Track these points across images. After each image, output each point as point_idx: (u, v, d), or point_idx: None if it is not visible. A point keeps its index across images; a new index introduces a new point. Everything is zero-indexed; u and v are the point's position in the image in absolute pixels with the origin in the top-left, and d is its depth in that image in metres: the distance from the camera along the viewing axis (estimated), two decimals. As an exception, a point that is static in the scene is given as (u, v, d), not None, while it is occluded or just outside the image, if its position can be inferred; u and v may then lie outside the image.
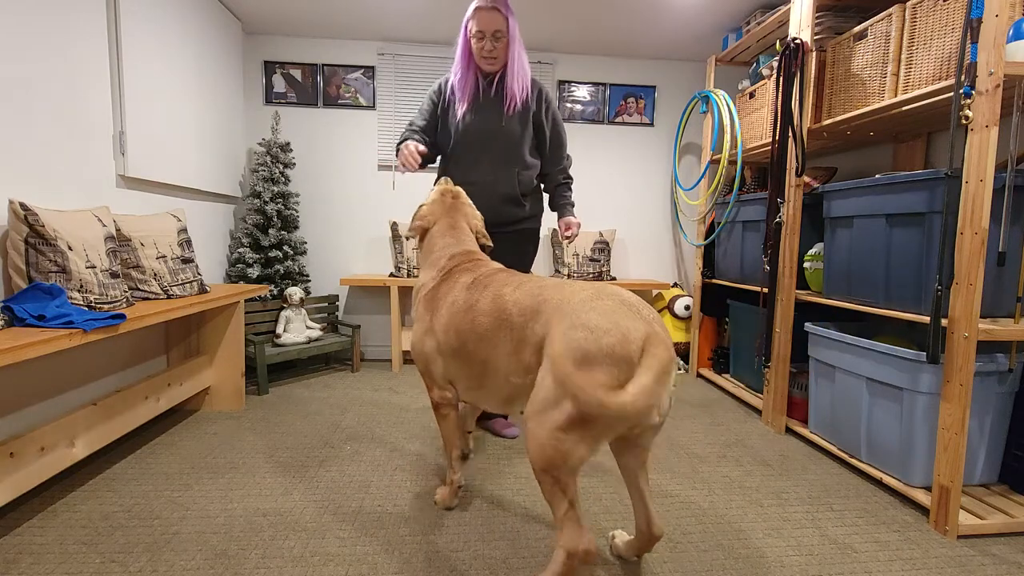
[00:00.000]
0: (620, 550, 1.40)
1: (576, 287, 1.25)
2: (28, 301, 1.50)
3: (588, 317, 1.11)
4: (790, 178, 2.29)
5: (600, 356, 1.05)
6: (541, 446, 1.11)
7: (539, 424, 1.12)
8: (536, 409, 1.13)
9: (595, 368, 1.05)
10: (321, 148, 3.46)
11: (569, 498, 1.13)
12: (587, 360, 1.06)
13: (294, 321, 3.00)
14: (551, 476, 1.12)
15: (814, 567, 1.40)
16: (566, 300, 1.19)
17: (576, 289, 1.23)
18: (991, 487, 1.79)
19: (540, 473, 1.13)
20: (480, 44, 1.94)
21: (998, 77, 1.45)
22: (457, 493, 1.65)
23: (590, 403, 1.01)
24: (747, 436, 2.31)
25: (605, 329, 1.07)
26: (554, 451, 1.09)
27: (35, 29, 1.72)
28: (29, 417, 1.73)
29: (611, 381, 1.04)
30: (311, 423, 2.33)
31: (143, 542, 1.43)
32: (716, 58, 3.14)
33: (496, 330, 1.31)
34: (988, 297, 1.62)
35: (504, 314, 1.30)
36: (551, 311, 1.20)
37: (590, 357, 1.06)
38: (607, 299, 1.15)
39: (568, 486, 1.12)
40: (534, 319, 1.23)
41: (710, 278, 3.24)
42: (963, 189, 1.52)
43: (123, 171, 2.14)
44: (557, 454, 1.09)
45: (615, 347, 1.06)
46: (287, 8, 2.96)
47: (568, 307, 1.17)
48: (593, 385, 1.02)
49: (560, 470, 1.11)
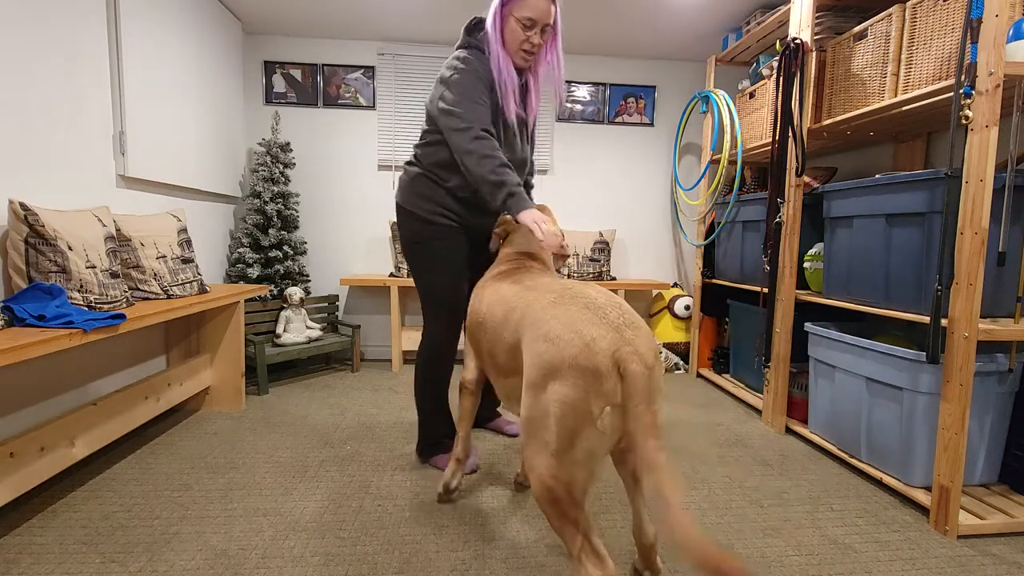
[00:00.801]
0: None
1: (540, 290, 1.20)
2: (28, 301, 1.49)
3: (549, 327, 1.05)
4: (790, 178, 2.29)
5: (564, 369, 0.98)
6: (540, 477, 1.02)
7: (533, 452, 1.03)
8: (526, 434, 1.05)
9: (561, 382, 0.98)
10: (321, 148, 3.46)
11: (582, 531, 1.01)
12: (552, 374, 1.00)
13: (294, 321, 3.00)
14: (557, 510, 1.02)
15: (814, 567, 1.40)
16: (529, 307, 1.15)
17: (539, 294, 1.17)
18: (991, 487, 1.79)
19: (545, 506, 1.04)
20: (526, 35, 1.63)
21: (998, 77, 1.45)
22: (458, 474, 1.66)
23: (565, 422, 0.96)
24: (747, 436, 2.31)
25: (567, 340, 1.00)
26: (554, 481, 1.00)
27: (35, 29, 1.72)
28: (29, 417, 1.73)
29: (580, 395, 0.96)
30: (311, 423, 2.33)
31: (143, 542, 1.43)
32: (716, 58, 3.14)
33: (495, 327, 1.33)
34: (988, 297, 1.62)
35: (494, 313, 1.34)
36: (517, 319, 1.17)
37: (554, 370, 0.99)
38: (570, 304, 1.07)
39: (578, 519, 1.01)
40: (504, 325, 1.23)
41: (710, 278, 3.24)
42: (963, 189, 1.52)
43: (123, 171, 2.14)
44: (558, 484, 1.00)
45: (578, 358, 0.97)
46: (287, 8, 2.96)
47: (530, 316, 1.12)
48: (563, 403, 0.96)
49: (563, 503, 1.01)
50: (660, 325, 3.53)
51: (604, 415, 0.96)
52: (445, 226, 1.81)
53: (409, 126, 3.47)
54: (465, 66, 1.64)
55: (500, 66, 1.66)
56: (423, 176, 1.80)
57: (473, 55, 1.68)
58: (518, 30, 1.64)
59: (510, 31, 1.65)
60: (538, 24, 1.63)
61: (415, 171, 1.83)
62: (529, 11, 1.61)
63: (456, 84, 1.63)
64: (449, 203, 1.80)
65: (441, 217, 1.80)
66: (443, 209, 1.80)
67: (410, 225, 1.83)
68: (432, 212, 1.79)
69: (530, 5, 1.60)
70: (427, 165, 1.79)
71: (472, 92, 1.62)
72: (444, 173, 1.77)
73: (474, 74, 1.64)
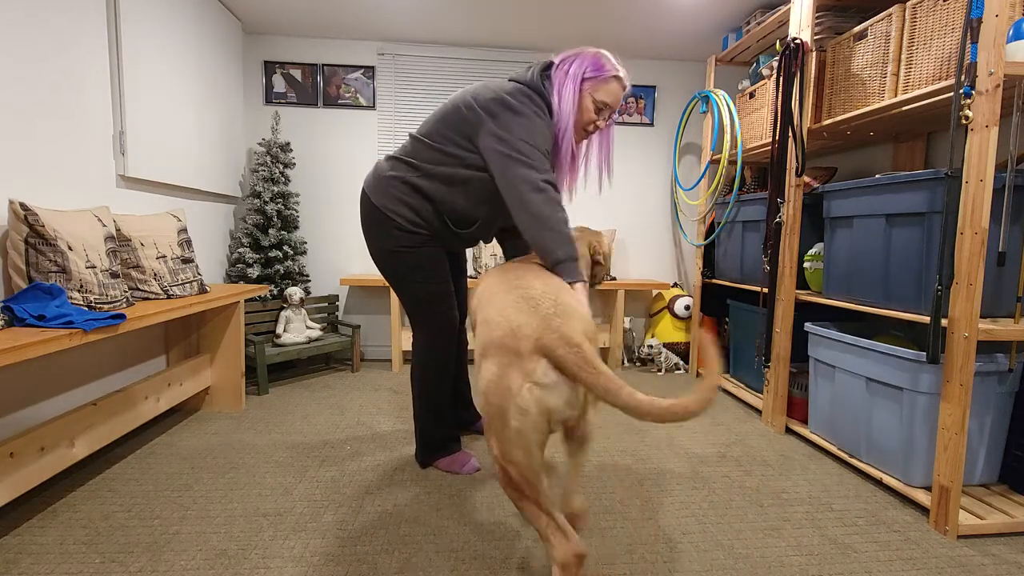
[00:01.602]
0: None
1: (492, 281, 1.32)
2: (28, 301, 1.50)
3: (487, 313, 1.19)
4: (790, 178, 2.29)
5: (492, 348, 1.11)
6: (494, 458, 1.11)
7: (486, 434, 1.13)
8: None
9: (489, 360, 1.10)
10: (321, 148, 3.46)
11: (544, 510, 1.09)
12: (484, 353, 1.13)
13: (294, 321, 3.00)
14: (512, 491, 1.11)
15: (814, 567, 1.40)
16: (482, 295, 1.27)
17: (495, 283, 1.29)
18: (991, 487, 1.79)
19: (503, 488, 1.13)
20: (595, 117, 1.63)
21: (998, 77, 1.45)
22: None
23: (491, 399, 1.07)
24: (747, 436, 2.31)
25: (496, 323, 1.13)
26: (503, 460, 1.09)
27: (35, 29, 1.72)
28: (29, 417, 1.73)
29: (500, 371, 1.07)
30: (311, 423, 2.33)
31: (143, 542, 1.43)
32: (716, 58, 3.13)
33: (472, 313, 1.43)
34: (988, 297, 1.62)
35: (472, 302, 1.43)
36: (474, 306, 1.32)
37: (485, 350, 1.13)
38: (509, 294, 1.19)
39: (538, 499, 1.09)
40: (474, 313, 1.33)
41: (710, 278, 3.24)
42: (963, 189, 1.52)
43: (123, 171, 2.14)
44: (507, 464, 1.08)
45: (504, 340, 1.09)
46: (287, 8, 2.96)
47: (481, 303, 1.26)
48: (488, 379, 1.08)
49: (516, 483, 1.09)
50: (660, 325, 3.53)
51: (523, 390, 1.04)
52: (424, 236, 1.73)
53: (409, 126, 3.47)
54: (539, 111, 1.57)
55: (568, 137, 1.61)
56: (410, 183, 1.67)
57: (545, 102, 1.60)
58: (591, 109, 1.61)
59: (583, 108, 1.61)
60: (609, 109, 1.62)
61: (402, 174, 1.68)
62: (608, 96, 1.60)
63: (528, 123, 1.54)
64: (430, 218, 1.71)
65: (422, 230, 1.72)
66: (422, 222, 1.70)
67: (388, 232, 1.70)
68: (413, 223, 1.70)
69: (611, 91, 1.60)
70: (428, 172, 1.66)
71: (542, 140, 1.55)
72: (443, 188, 1.66)
73: (547, 124, 1.58)
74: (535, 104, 1.57)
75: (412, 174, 1.68)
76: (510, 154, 1.52)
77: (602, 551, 1.44)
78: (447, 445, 1.91)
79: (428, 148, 1.66)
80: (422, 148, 1.68)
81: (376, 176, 1.75)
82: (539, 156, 1.52)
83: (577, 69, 1.58)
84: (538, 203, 1.48)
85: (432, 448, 1.90)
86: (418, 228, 1.71)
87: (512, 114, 1.54)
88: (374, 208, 1.72)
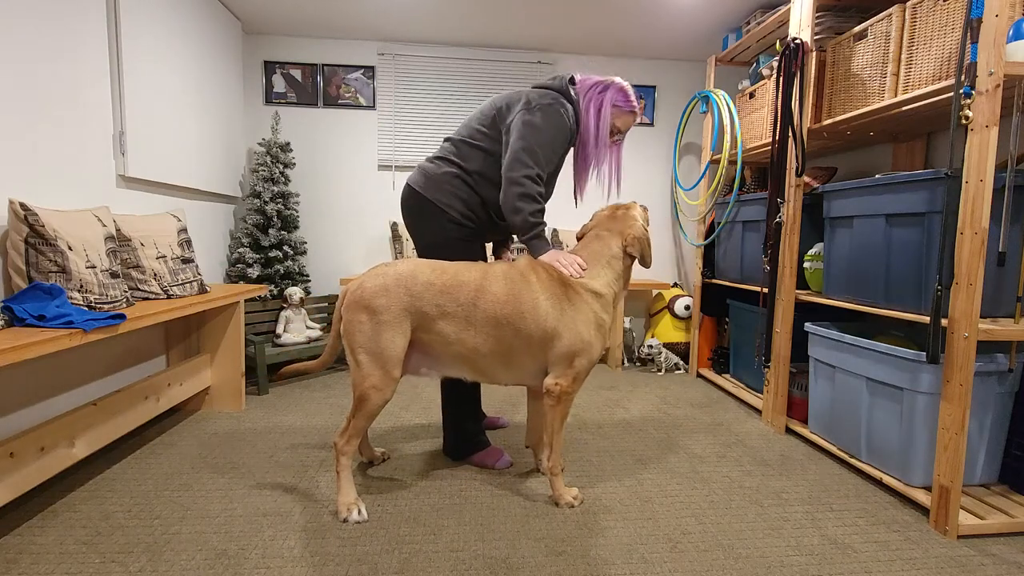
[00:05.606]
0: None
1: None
2: (28, 301, 1.49)
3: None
4: (790, 178, 2.29)
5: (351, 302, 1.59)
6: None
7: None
8: None
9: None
10: (321, 148, 3.46)
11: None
12: None
13: (294, 321, 3.00)
14: None
15: (814, 567, 1.40)
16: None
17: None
18: (991, 487, 1.79)
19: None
20: (611, 139, 1.87)
21: (998, 77, 1.45)
22: None
23: None
24: (747, 436, 2.31)
25: (359, 282, 1.59)
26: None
27: (35, 29, 1.72)
28: (29, 417, 1.73)
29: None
30: (311, 423, 2.33)
31: (143, 542, 1.43)
32: (716, 58, 3.14)
33: None
34: (988, 297, 1.62)
35: None
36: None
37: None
38: (388, 266, 1.61)
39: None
40: None
41: (710, 278, 3.24)
42: (963, 189, 1.52)
43: (123, 171, 2.14)
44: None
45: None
46: (287, 8, 2.96)
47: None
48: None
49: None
50: (660, 325, 3.53)
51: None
52: (472, 229, 1.86)
53: (409, 126, 3.48)
54: (564, 114, 1.78)
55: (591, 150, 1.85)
56: (460, 178, 1.82)
57: (572, 109, 1.82)
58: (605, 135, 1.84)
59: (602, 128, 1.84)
60: (621, 135, 1.89)
61: (452, 170, 1.83)
62: (624, 126, 1.87)
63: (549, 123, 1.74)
64: (478, 211, 1.85)
65: (470, 222, 1.85)
66: (472, 214, 1.85)
67: (441, 224, 1.84)
68: (464, 215, 1.83)
69: (627, 122, 1.87)
70: (469, 168, 1.82)
71: (556, 143, 1.78)
72: (483, 182, 1.82)
73: (568, 128, 1.80)
74: (562, 107, 1.78)
75: (461, 172, 1.84)
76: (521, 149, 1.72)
77: (602, 551, 1.44)
78: (480, 440, 1.96)
79: (470, 147, 1.84)
80: (465, 148, 1.85)
81: (426, 175, 1.87)
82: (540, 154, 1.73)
83: (611, 96, 1.83)
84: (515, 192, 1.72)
85: (468, 443, 1.95)
86: (467, 220, 1.84)
87: (541, 114, 1.74)
88: (426, 201, 1.84)
